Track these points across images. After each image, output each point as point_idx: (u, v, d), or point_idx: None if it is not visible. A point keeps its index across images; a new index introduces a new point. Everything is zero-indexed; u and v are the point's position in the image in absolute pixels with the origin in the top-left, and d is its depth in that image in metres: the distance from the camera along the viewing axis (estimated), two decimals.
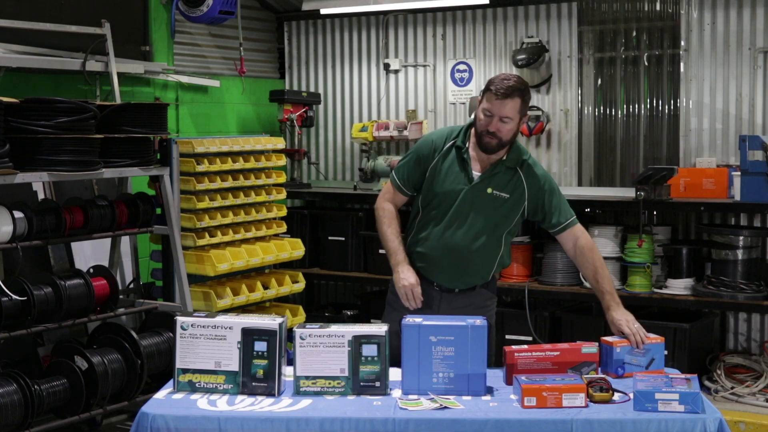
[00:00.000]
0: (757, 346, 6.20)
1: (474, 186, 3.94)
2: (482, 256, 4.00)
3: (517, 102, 3.85)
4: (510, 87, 3.84)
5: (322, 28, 7.64)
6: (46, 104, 4.63)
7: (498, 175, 3.95)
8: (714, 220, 6.29)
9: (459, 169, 3.95)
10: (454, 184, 3.95)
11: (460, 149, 3.97)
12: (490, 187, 3.94)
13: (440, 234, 3.98)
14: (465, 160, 3.95)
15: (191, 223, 5.71)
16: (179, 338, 3.39)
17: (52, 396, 4.58)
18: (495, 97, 3.82)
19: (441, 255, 3.98)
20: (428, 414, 3.20)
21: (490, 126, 3.84)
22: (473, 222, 3.95)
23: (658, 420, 3.14)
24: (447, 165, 3.97)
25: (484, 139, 3.88)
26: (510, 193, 3.96)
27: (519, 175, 3.98)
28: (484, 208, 3.95)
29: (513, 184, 3.97)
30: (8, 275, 4.90)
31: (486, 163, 3.96)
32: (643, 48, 6.58)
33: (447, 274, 4.00)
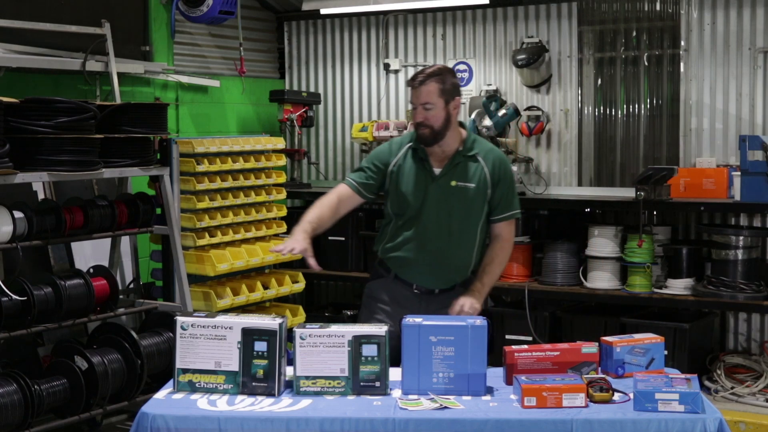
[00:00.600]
0: (757, 346, 6.20)
1: (437, 182, 3.97)
2: (459, 251, 4.02)
3: (434, 86, 3.89)
4: (424, 74, 3.91)
5: (322, 28, 7.64)
6: (46, 104, 4.63)
7: (458, 166, 3.99)
8: (714, 220, 6.29)
9: (420, 169, 3.99)
10: (418, 184, 3.98)
11: (416, 150, 4.01)
12: (454, 180, 3.98)
13: (414, 236, 3.99)
14: (423, 159, 3.99)
15: (191, 223, 5.71)
16: (179, 338, 3.39)
17: (52, 396, 4.58)
18: (412, 88, 3.92)
19: (418, 256, 3.99)
20: (428, 414, 3.20)
21: (417, 117, 3.91)
22: (444, 218, 3.98)
23: (658, 420, 3.13)
24: (407, 168, 4.00)
25: (418, 132, 3.95)
26: (474, 182, 3.99)
27: (479, 163, 4.01)
28: (452, 201, 3.97)
29: (475, 172, 4.00)
30: (8, 275, 4.90)
31: (444, 157, 3.99)
32: (643, 48, 6.58)
33: (427, 275, 4.01)
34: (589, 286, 6.16)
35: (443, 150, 3.99)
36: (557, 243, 6.32)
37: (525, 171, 6.78)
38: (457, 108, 3.98)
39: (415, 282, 4.03)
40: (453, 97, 3.95)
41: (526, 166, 6.78)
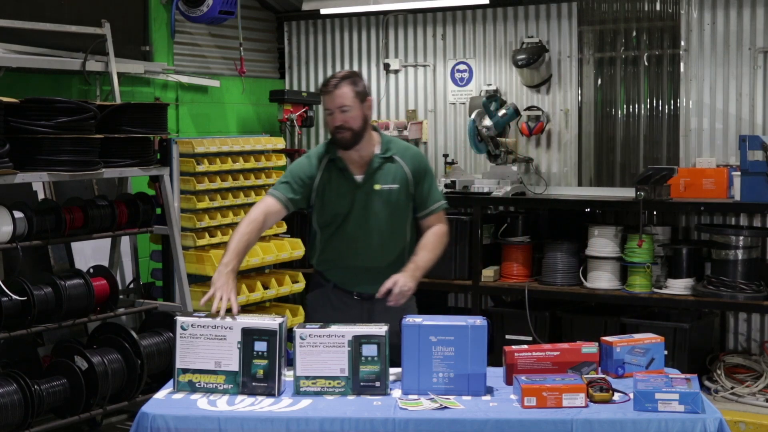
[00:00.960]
0: (757, 346, 6.20)
1: (361, 188, 3.97)
2: (392, 252, 4.01)
3: (348, 89, 3.91)
4: (336, 79, 3.93)
5: (322, 28, 7.64)
6: (46, 104, 4.63)
7: (379, 169, 3.99)
8: (714, 220, 6.29)
9: (342, 179, 3.98)
10: (343, 194, 3.98)
11: (335, 161, 4.00)
12: (377, 184, 3.98)
13: (346, 244, 3.98)
14: (343, 169, 3.99)
15: (191, 223, 5.72)
16: (179, 338, 3.39)
17: (52, 396, 4.58)
18: (326, 94, 3.92)
19: (353, 264, 3.98)
20: (428, 414, 3.20)
21: (335, 121, 3.91)
22: (373, 222, 3.98)
23: (658, 420, 3.14)
24: (330, 180, 3.99)
25: (337, 137, 3.93)
26: (398, 183, 4.00)
27: (398, 163, 4.02)
28: (378, 205, 3.97)
29: (396, 173, 4.00)
30: (8, 275, 4.90)
31: (363, 163, 3.99)
32: (643, 48, 6.58)
33: (364, 281, 3.97)
34: (589, 286, 6.16)
35: (361, 155, 3.99)
36: (557, 243, 6.32)
37: (525, 171, 6.78)
38: (370, 108, 4.01)
39: (355, 289, 4.01)
40: (365, 98, 3.98)
41: (526, 166, 6.78)
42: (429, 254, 4.00)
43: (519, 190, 6.47)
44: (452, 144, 7.20)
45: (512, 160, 6.62)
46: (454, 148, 7.16)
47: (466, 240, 6.44)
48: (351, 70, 4.14)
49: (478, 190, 6.45)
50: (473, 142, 6.53)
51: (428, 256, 4.00)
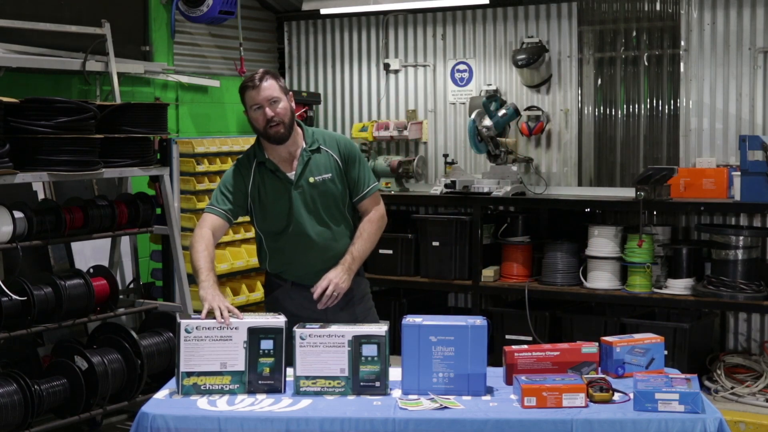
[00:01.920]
0: (757, 346, 6.20)
1: (296, 184, 3.96)
2: (341, 241, 4.02)
3: (274, 82, 3.92)
4: (258, 74, 3.93)
5: (322, 28, 7.64)
6: (46, 104, 4.63)
7: (309, 162, 3.98)
8: (714, 220, 6.29)
9: (275, 181, 3.97)
10: (280, 195, 3.96)
11: (264, 163, 3.99)
12: (311, 177, 3.97)
13: (295, 243, 3.96)
14: (273, 170, 3.97)
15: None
16: (183, 341, 3.39)
17: (52, 396, 4.58)
18: (253, 89, 3.90)
19: (305, 260, 3.97)
20: (428, 414, 3.20)
21: (267, 114, 3.88)
22: (315, 216, 3.98)
23: (658, 420, 3.13)
24: (263, 183, 3.97)
25: (270, 132, 3.90)
26: (330, 172, 4.00)
27: (326, 152, 4.02)
28: (317, 198, 3.97)
29: (326, 163, 4.01)
30: (8, 275, 4.90)
31: (291, 159, 3.99)
32: (643, 48, 6.58)
33: (318, 273, 3.95)
34: (589, 286, 6.16)
35: (290, 152, 3.98)
36: (557, 243, 6.32)
37: (525, 171, 6.78)
38: (293, 101, 4.01)
39: (312, 283, 3.97)
40: (288, 92, 3.98)
41: (526, 166, 6.77)
42: (365, 243, 4.03)
43: (519, 190, 6.46)
44: (452, 144, 7.20)
45: (512, 160, 6.62)
46: (454, 148, 7.16)
47: (466, 240, 6.44)
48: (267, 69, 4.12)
49: (478, 190, 6.45)
50: (473, 142, 6.53)
51: (364, 246, 4.03)
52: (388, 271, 6.61)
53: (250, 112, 3.95)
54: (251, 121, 3.97)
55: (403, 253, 6.65)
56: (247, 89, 3.93)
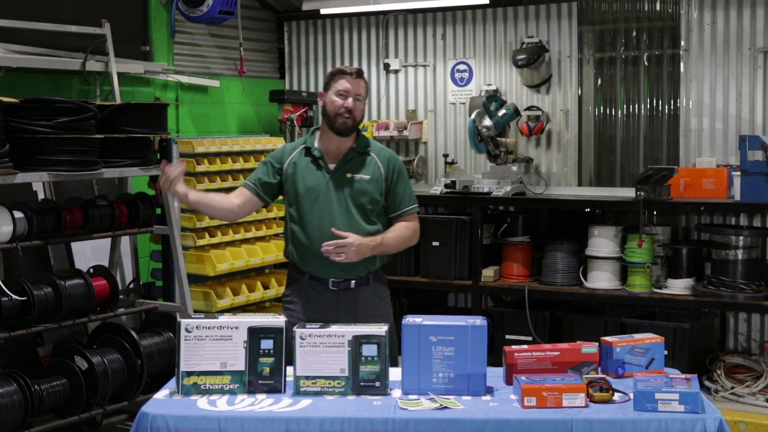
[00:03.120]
0: (757, 346, 6.20)
1: (333, 175, 4.07)
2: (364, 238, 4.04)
3: (364, 84, 4.11)
4: (356, 69, 4.10)
5: (322, 28, 7.64)
6: (46, 104, 4.63)
7: (352, 160, 4.10)
8: (714, 220, 6.29)
9: (315, 167, 4.09)
10: (315, 179, 4.07)
11: (310, 149, 4.11)
12: (349, 173, 4.08)
13: (319, 229, 4.02)
14: (317, 157, 4.09)
15: (191, 223, 5.72)
16: (183, 341, 3.39)
17: (52, 396, 4.58)
18: (350, 77, 4.04)
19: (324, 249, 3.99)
20: (428, 414, 3.20)
21: (345, 103, 4.01)
22: (345, 208, 4.04)
23: (658, 420, 3.14)
24: (302, 166, 4.10)
25: (339, 120, 4.03)
26: (369, 174, 4.09)
27: (372, 158, 4.13)
28: (350, 192, 4.06)
29: (369, 165, 4.12)
30: (8, 275, 4.90)
31: (338, 154, 4.10)
32: (643, 48, 6.58)
33: (337, 264, 4.00)
34: (589, 286, 6.16)
35: (338, 147, 4.10)
36: (557, 243, 6.32)
37: (525, 171, 6.78)
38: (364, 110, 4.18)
39: (330, 276, 4.05)
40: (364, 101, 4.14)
41: (526, 166, 6.77)
42: (395, 239, 4.12)
43: (519, 190, 6.46)
44: (452, 144, 7.20)
45: (512, 160, 6.62)
46: (454, 148, 7.16)
47: (466, 240, 6.44)
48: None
49: (478, 190, 6.45)
50: (473, 142, 6.53)
51: (394, 241, 4.11)
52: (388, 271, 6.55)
53: (331, 95, 4.06)
54: (327, 103, 4.07)
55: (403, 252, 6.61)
56: (343, 74, 4.05)
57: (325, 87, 4.10)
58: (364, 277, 4.11)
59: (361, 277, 4.09)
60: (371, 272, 4.13)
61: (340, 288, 4.06)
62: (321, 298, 4.06)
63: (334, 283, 4.06)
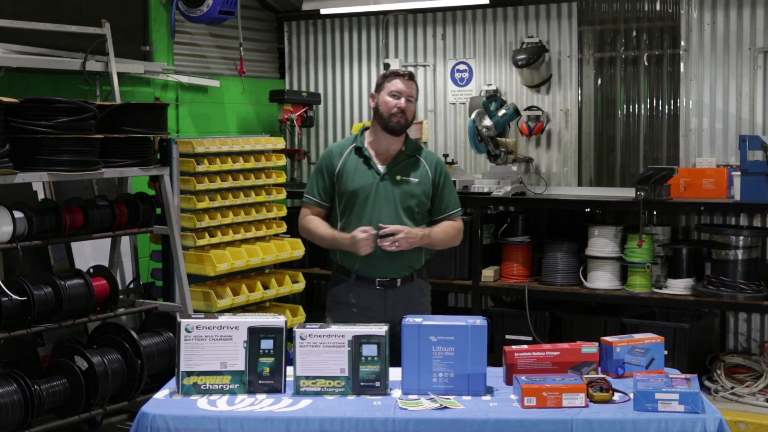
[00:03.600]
0: (757, 346, 6.20)
1: (383, 177, 4.19)
2: None
3: (416, 87, 4.29)
4: (408, 72, 4.27)
5: (322, 28, 7.64)
6: (46, 104, 4.63)
7: (402, 163, 4.23)
8: (714, 220, 6.29)
9: (365, 167, 4.20)
10: (364, 180, 4.18)
11: (360, 149, 4.23)
12: (399, 175, 4.20)
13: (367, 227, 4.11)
14: (368, 157, 4.21)
15: (191, 223, 5.71)
16: (183, 341, 3.39)
17: (52, 396, 4.58)
18: (403, 79, 4.20)
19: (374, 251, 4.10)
20: (428, 414, 3.20)
21: (399, 104, 4.14)
22: (393, 209, 4.16)
23: (658, 420, 3.14)
24: (352, 167, 4.21)
25: (392, 120, 4.16)
26: (418, 178, 4.22)
27: (421, 161, 4.27)
28: (398, 194, 4.17)
29: (417, 169, 4.25)
30: (8, 275, 4.90)
31: (387, 156, 4.23)
32: (643, 48, 6.58)
33: (386, 265, 4.15)
34: (589, 286, 6.16)
35: (388, 149, 4.23)
36: (557, 243, 6.32)
37: (525, 171, 6.78)
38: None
39: (377, 276, 4.17)
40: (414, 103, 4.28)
41: (526, 166, 6.77)
42: (441, 234, 4.25)
43: (519, 190, 6.47)
44: (452, 144, 7.20)
45: (512, 160, 6.62)
46: (454, 148, 7.16)
47: (466, 240, 6.38)
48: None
49: (478, 190, 6.45)
50: (473, 142, 6.53)
51: (441, 235, 4.25)
52: None
53: (384, 95, 4.19)
54: (380, 104, 4.20)
55: None
56: (397, 76, 4.20)
57: (377, 88, 4.25)
58: (408, 275, 4.23)
59: (406, 276, 4.22)
60: (415, 270, 4.25)
61: (386, 286, 4.18)
62: (369, 294, 4.18)
63: (380, 282, 4.18)
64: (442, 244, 4.28)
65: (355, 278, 4.20)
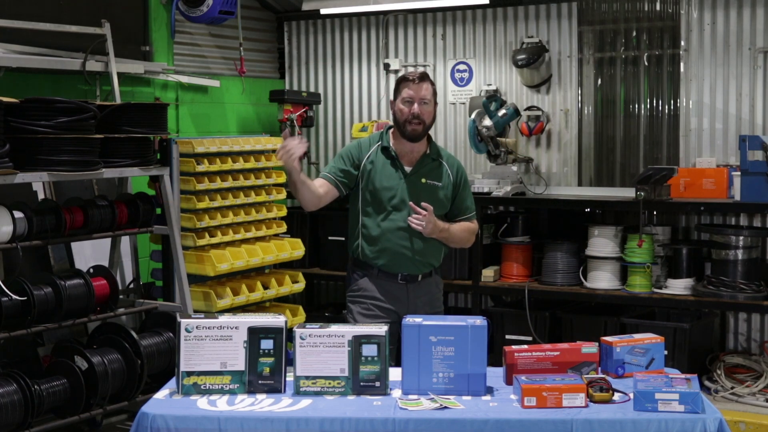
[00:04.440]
0: (757, 346, 6.20)
1: (409, 178, 4.27)
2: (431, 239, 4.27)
3: (430, 86, 4.24)
4: (423, 72, 4.27)
5: (322, 28, 7.64)
6: (46, 104, 4.63)
7: (427, 166, 4.31)
8: (714, 220, 6.29)
9: (391, 167, 4.26)
10: (391, 179, 4.24)
11: (387, 149, 4.28)
12: (424, 178, 4.28)
13: (391, 225, 4.23)
14: (394, 158, 4.26)
15: (191, 223, 5.71)
16: (183, 341, 3.39)
17: (52, 396, 4.58)
18: (413, 83, 4.19)
19: (398, 243, 4.23)
20: (428, 414, 3.20)
21: (413, 110, 4.16)
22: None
23: (658, 420, 3.14)
24: (379, 165, 4.27)
25: (409, 127, 4.19)
26: (442, 182, 4.30)
27: (443, 165, 4.35)
28: (422, 196, 4.22)
29: (441, 172, 4.33)
30: (8, 275, 4.90)
31: (413, 157, 4.30)
32: (643, 48, 6.58)
33: (410, 262, 4.26)
34: (589, 286, 6.16)
35: (413, 151, 4.28)
36: (557, 243, 6.32)
37: (525, 171, 6.78)
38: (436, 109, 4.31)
39: (400, 271, 4.27)
40: (436, 101, 4.31)
41: (526, 166, 6.77)
42: (460, 231, 4.34)
43: (519, 190, 6.47)
44: (452, 144, 7.20)
45: (512, 160, 6.62)
46: (454, 148, 7.16)
47: None
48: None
49: (478, 190, 6.44)
50: (473, 142, 6.53)
51: (458, 233, 4.33)
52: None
53: (399, 103, 4.23)
54: (395, 111, 4.25)
55: None
56: (407, 82, 4.21)
57: (394, 95, 4.28)
58: (428, 272, 4.32)
59: (426, 272, 4.31)
60: (434, 267, 4.36)
61: (408, 281, 4.27)
62: (391, 288, 4.27)
63: (402, 277, 4.27)
64: (458, 241, 4.36)
65: (378, 271, 4.27)
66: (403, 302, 4.26)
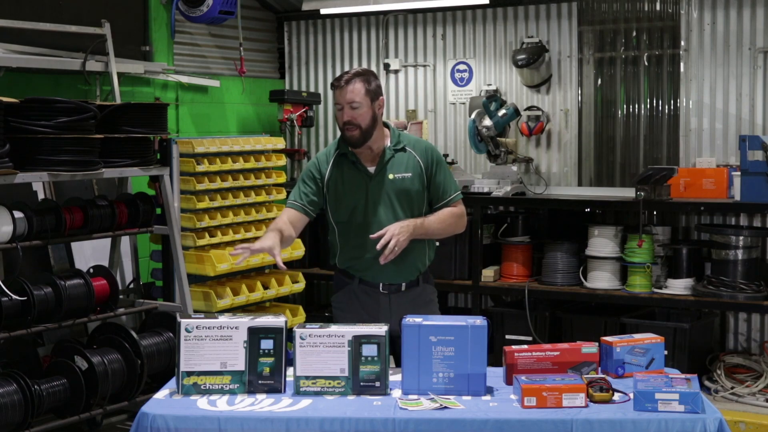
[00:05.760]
0: (757, 346, 6.20)
1: (375, 179, 4.01)
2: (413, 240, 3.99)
3: (360, 86, 3.95)
4: (349, 74, 3.97)
5: (322, 28, 7.64)
6: (46, 104, 4.63)
7: (391, 160, 4.03)
8: (714, 220, 6.29)
9: (354, 172, 4.03)
10: (356, 185, 4.01)
11: (346, 155, 4.04)
12: (391, 173, 4.02)
13: (363, 233, 3.97)
14: (355, 162, 4.03)
15: (191, 223, 5.72)
16: (183, 341, 3.39)
17: (52, 396, 4.58)
18: (338, 89, 3.95)
19: (374, 252, 3.92)
20: (428, 414, 3.20)
21: (344, 116, 3.93)
22: (390, 211, 4.00)
23: (658, 420, 3.14)
24: (341, 174, 4.03)
25: (346, 134, 3.96)
26: (410, 171, 4.04)
27: (410, 153, 4.06)
28: (393, 194, 4.01)
29: (408, 162, 4.05)
30: (8, 275, 4.90)
31: (374, 156, 4.04)
32: (643, 48, 6.58)
33: (390, 271, 3.99)
34: (589, 286, 6.16)
35: (372, 149, 4.03)
36: (557, 243, 6.32)
37: (525, 171, 6.78)
38: (382, 108, 4.05)
39: (381, 281, 4.03)
40: (377, 97, 4.03)
41: (526, 166, 6.78)
42: (437, 223, 4.06)
43: (519, 190, 6.47)
44: (452, 144, 7.20)
45: (512, 160, 6.62)
46: (454, 148, 7.16)
47: (466, 240, 6.44)
48: (366, 68, 4.19)
49: (478, 190, 6.45)
50: (473, 142, 6.53)
51: (435, 223, 4.06)
52: None
53: (334, 107, 4.04)
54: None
55: None
56: (333, 87, 4.01)
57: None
58: (414, 279, 4.09)
59: (411, 280, 4.08)
60: (421, 273, 4.11)
61: (390, 291, 4.05)
62: (371, 300, 4.04)
63: (384, 287, 4.04)
64: (441, 232, 4.10)
65: (358, 281, 4.06)
66: (383, 315, 3.95)
